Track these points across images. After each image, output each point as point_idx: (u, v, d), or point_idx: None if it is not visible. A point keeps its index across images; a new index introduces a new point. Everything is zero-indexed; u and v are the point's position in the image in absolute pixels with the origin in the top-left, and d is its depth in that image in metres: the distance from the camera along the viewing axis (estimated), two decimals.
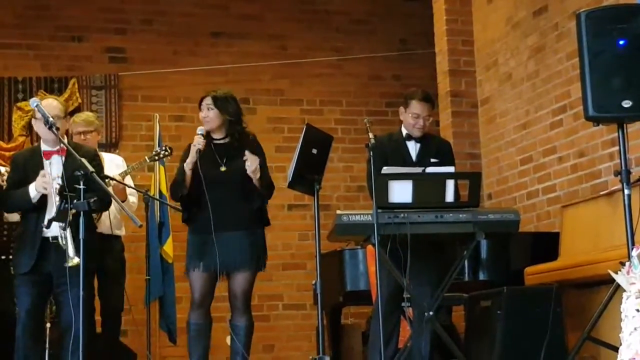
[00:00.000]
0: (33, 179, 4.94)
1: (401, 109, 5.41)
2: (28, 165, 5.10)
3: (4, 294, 5.69)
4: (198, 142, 5.11)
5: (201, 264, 5.11)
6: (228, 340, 5.26)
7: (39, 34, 8.67)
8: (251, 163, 5.11)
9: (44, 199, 4.93)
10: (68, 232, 4.62)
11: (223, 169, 5.15)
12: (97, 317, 6.05)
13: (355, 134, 8.98)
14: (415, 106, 5.31)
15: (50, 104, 5.03)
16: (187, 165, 5.10)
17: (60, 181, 4.76)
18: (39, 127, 4.99)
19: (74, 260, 4.57)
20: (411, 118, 5.32)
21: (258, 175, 5.14)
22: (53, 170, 4.92)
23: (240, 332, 5.18)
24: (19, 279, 5.04)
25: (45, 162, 5.03)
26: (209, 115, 5.19)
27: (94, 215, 5.67)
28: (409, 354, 5.18)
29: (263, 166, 5.20)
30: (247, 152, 5.14)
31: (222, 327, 5.34)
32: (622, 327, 3.66)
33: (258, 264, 5.22)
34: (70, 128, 6.01)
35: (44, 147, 5.06)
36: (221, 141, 5.24)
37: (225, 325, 5.26)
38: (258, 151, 5.24)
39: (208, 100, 5.22)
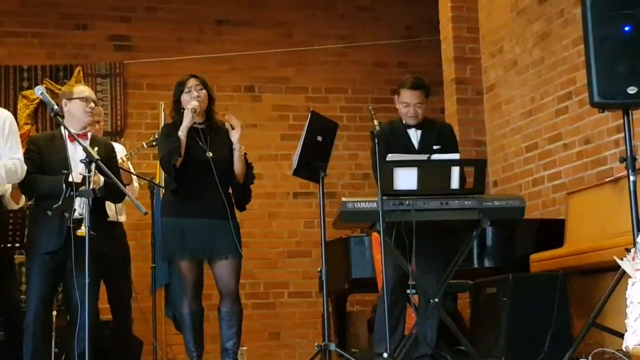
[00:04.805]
0: (54, 161, 4.95)
1: (395, 97, 5.40)
2: (49, 147, 5.08)
3: (6, 280, 5.66)
4: (193, 105, 5.03)
5: (186, 252, 5.04)
6: None
7: (44, 22, 8.66)
8: (235, 125, 5.11)
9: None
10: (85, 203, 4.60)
11: (210, 154, 5.08)
12: (104, 305, 6.05)
13: (360, 121, 8.98)
14: (405, 94, 5.29)
15: (87, 89, 5.26)
16: (183, 130, 5.00)
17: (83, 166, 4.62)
18: (71, 108, 5.03)
19: (82, 229, 4.54)
20: (402, 107, 5.32)
21: (239, 150, 5.12)
22: (77, 153, 4.86)
23: (226, 317, 5.10)
24: (35, 265, 4.97)
25: (70, 146, 5.01)
26: (201, 95, 5.13)
27: None
28: (414, 341, 5.18)
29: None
30: (228, 117, 5.14)
31: (214, 315, 5.30)
32: (627, 313, 3.67)
33: (241, 250, 5.12)
34: None
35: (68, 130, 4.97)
36: (201, 125, 5.18)
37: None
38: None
39: (196, 81, 5.15)
